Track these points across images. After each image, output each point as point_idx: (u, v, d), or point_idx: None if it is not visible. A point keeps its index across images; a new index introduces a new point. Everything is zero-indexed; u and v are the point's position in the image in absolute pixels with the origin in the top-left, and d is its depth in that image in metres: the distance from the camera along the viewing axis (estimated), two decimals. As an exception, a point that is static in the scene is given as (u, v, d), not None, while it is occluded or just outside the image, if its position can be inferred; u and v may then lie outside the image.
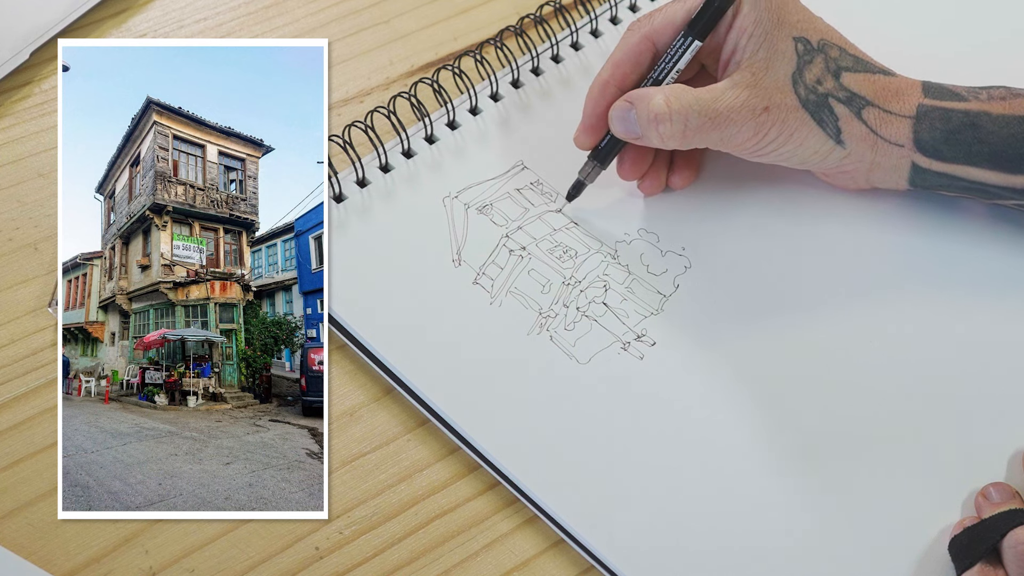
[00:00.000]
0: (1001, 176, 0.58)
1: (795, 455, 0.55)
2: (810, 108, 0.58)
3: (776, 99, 0.57)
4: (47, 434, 0.56)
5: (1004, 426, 0.56)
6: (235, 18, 0.75)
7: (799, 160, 0.60)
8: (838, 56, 0.59)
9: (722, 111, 0.57)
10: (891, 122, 0.58)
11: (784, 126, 0.57)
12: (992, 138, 0.57)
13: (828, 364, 0.58)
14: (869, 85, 0.59)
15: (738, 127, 0.57)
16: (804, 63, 0.58)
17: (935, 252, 0.62)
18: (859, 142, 0.59)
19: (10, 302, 0.61)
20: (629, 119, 0.59)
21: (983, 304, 0.60)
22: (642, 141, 0.60)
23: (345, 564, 0.53)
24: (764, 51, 0.57)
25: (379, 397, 0.58)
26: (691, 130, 0.57)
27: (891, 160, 0.59)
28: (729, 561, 0.52)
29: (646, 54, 0.61)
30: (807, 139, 0.58)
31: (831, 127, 0.58)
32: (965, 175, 0.58)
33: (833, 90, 0.58)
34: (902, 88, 0.59)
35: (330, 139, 0.65)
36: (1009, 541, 0.50)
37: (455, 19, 0.76)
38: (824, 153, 0.59)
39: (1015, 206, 0.60)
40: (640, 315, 0.60)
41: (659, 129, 0.58)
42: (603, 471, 0.54)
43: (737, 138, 0.58)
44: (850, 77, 0.59)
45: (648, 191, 0.64)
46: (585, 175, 0.63)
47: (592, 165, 0.63)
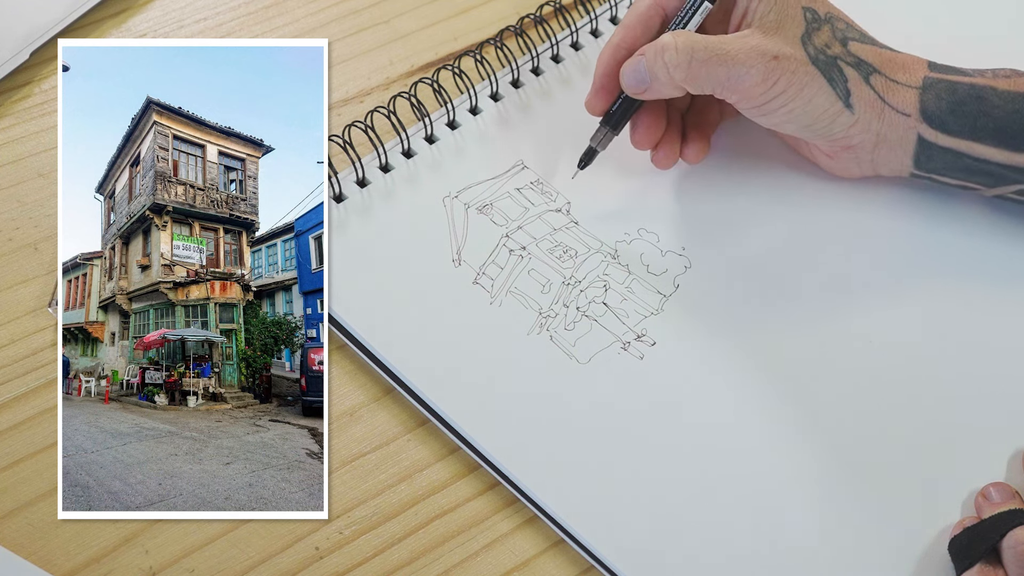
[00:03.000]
0: (1005, 154, 0.58)
1: (795, 454, 0.55)
2: (820, 66, 0.58)
3: (786, 51, 0.57)
4: (47, 434, 0.56)
5: (1004, 426, 0.56)
6: (235, 18, 0.75)
7: (807, 120, 0.59)
8: (844, 28, 0.60)
9: (730, 51, 0.57)
10: (898, 91, 0.59)
11: (794, 77, 0.57)
12: (997, 112, 0.58)
13: (828, 364, 0.58)
14: (876, 55, 0.59)
15: (747, 68, 0.57)
16: (812, 29, 0.58)
17: (936, 251, 0.62)
18: (867, 107, 0.59)
19: (10, 302, 0.61)
20: (639, 68, 0.59)
21: (983, 304, 0.60)
22: (652, 90, 0.59)
23: (345, 564, 0.53)
24: (775, 13, 0.58)
25: (379, 397, 0.58)
26: (697, 62, 0.57)
27: (897, 132, 0.59)
28: (729, 561, 0.52)
29: (656, 19, 0.61)
30: (816, 96, 0.58)
31: (841, 87, 0.58)
32: (970, 151, 0.59)
33: (841, 54, 0.58)
34: (908, 62, 0.60)
35: (330, 139, 0.65)
36: (1009, 541, 0.50)
37: (455, 19, 0.76)
38: (832, 115, 0.59)
39: (1016, 193, 0.60)
40: (640, 315, 0.60)
41: (665, 57, 0.57)
42: (603, 471, 0.54)
43: (745, 80, 0.57)
44: (857, 46, 0.59)
45: (662, 163, 0.64)
46: (597, 141, 0.63)
47: (604, 131, 0.62)
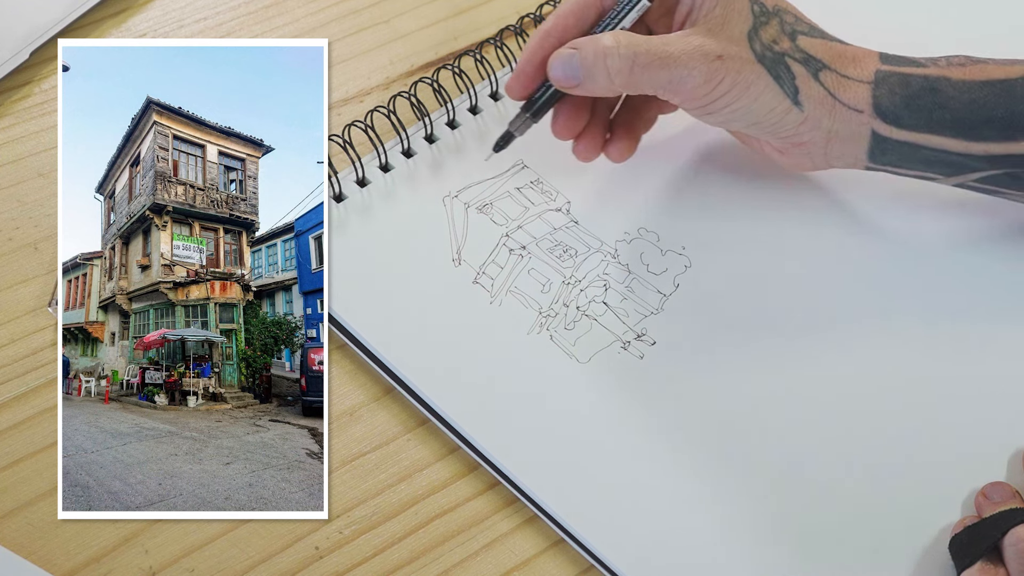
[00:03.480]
0: (962, 143, 0.57)
1: (795, 454, 0.55)
2: (766, 64, 0.56)
3: (731, 50, 0.56)
4: (47, 434, 0.56)
5: (1004, 426, 0.56)
6: (235, 18, 0.75)
7: (753, 119, 0.58)
8: (793, 21, 0.58)
9: (673, 52, 0.55)
10: (849, 87, 0.57)
11: (739, 76, 0.56)
12: (953, 103, 0.56)
13: (829, 362, 0.58)
14: (826, 50, 0.58)
15: (689, 70, 0.55)
16: (760, 23, 0.57)
17: (938, 248, 0.62)
18: (817, 105, 0.57)
19: (10, 302, 0.61)
20: (571, 63, 0.57)
21: (984, 304, 0.60)
22: (584, 87, 0.57)
23: (345, 564, 0.53)
24: (720, 8, 0.56)
25: (379, 397, 0.58)
26: (639, 67, 0.55)
27: (850, 127, 0.58)
28: (729, 560, 0.52)
29: (591, 10, 0.59)
30: (763, 94, 0.56)
31: (788, 85, 0.56)
32: (926, 143, 0.57)
33: (789, 50, 0.57)
34: (859, 55, 0.58)
35: (330, 139, 0.65)
36: (1009, 539, 0.50)
37: (455, 19, 0.76)
38: (780, 113, 0.57)
39: (977, 182, 0.59)
40: (640, 314, 0.60)
41: (607, 62, 0.56)
42: (603, 471, 0.54)
43: (688, 82, 0.56)
44: (806, 40, 0.58)
45: (583, 155, 0.62)
46: (516, 127, 0.61)
47: (524, 117, 0.60)
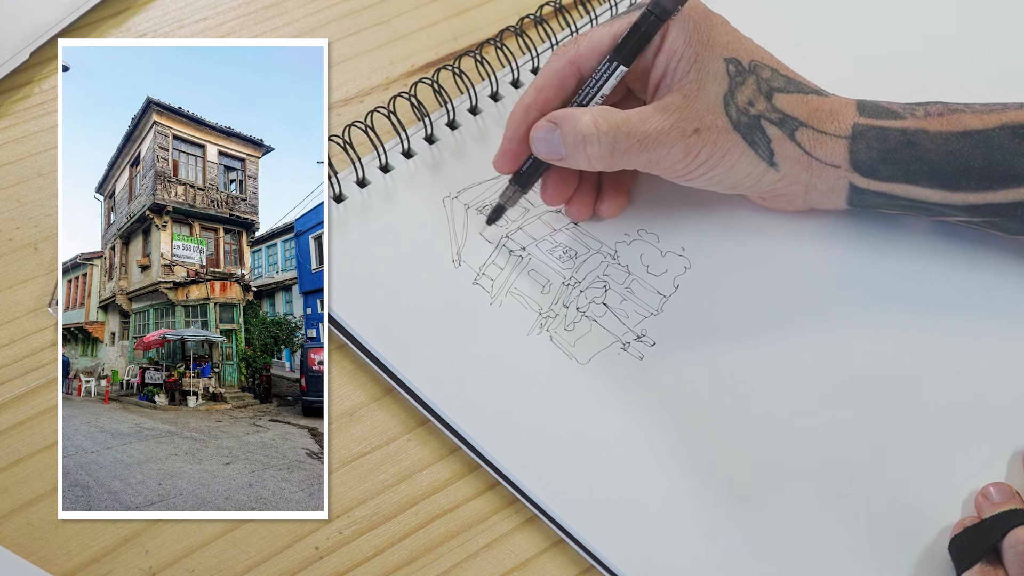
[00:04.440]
0: (940, 193, 0.57)
1: (795, 453, 0.55)
2: (742, 130, 0.56)
3: (707, 121, 0.56)
4: (47, 434, 0.56)
5: (1004, 426, 0.56)
6: (235, 18, 0.75)
7: (731, 184, 0.58)
8: (770, 77, 0.58)
9: (651, 132, 0.56)
10: (826, 143, 0.57)
11: (715, 148, 0.56)
12: (930, 156, 0.56)
13: (829, 363, 0.58)
14: (802, 106, 0.58)
15: (667, 148, 0.56)
16: (736, 84, 0.56)
17: (939, 248, 0.62)
18: (793, 164, 0.57)
19: (10, 302, 0.61)
20: (553, 140, 0.57)
21: (986, 304, 0.60)
22: (566, 163, 0.58)
23: (345, 564, 0.53)
24: (695, 72, 0.56)
25: (379, 397, 0.58)
26: (619, 151, 0.56)
27: (827, 182, 0.58)
28: (729, 560, 0.52)
29: (570, 79, 0.59)
30: (739, 162, 0.57)
31: (763, 149, 0.57)
32: (904, 193, 0.57)
33: (765, 111, 0.57)
34: (836, 108, 0.58)
35: (330, 139, 0.65)
36: (1009, 541, 0.50)
37: (455, 19, 0.76)
38: (757, 176, 0.58)
39: (958, 223, 0.60)
40: (640, 315, 0.60)
41: (587, 150, 0.56)
42: (603, 471, 0.54)
43: (666, 160, 0.56)
44: (782, 98, 0.57)
45: (576, 216, 0.63)
46: (506, 199, 0.62)
47: (513, 189, 0.61)
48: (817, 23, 0.74)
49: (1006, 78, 0.69)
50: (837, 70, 0.61)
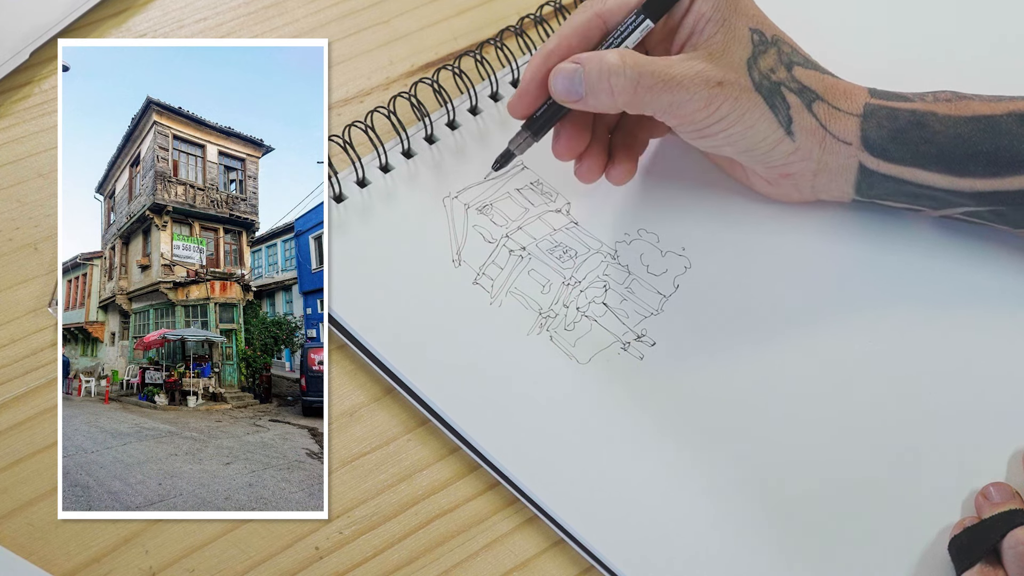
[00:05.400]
0: (948, 179, 0.57)
1: (795, 453, 0.55)
2: (763, 92, 0.57)
3: (731, 77, 0.56)
4: (47, 434, 0.56)
5: (1004, 426, 0.56)
6: (235, 18, 0.75)
7: (746, 145, 0.58)
8: (790, 52, 0.59)
9: (675, 75, 0.56)
10: (839, 118, 0.58)
11: (737, 103, 0.57)
12: (939, 138, 0.57)
13: (829, 361, 0.58)
14: (819, 81, 0.59)
15: (690, 94, 0.56)
16: (759, 51, 0.57)
17: (939, 248, 0.62)
18: (809, 136, 0.58)
19: (10, 302, 0.61)
20: (575, 78, 0.57)
21: (986, 304, 0.60)
22: (585, 103, 0.57)
23: (345, 564, 0.53)
24: (721, 35, 0.57)
25: (379, 397, 0.58)
26: (643, 88, 0.56)
27: (838, 160, 0.59)
28: (729, 560, 0.52)
29: (595, 31, 0.59)
30: (758, 123, 0.57)
31: (783, 114, 0.57)
32: (912, 178, 0.58)
33: (786, 80, 0.58)
34: (850, 89, 0.59)
35: (330, 139, 0.65)
36: (1009, 541, 0.50)
37: (455, 19, 0.76)
38: (772, 142, 0.58)
39: (963, 215, 0.60)
40: (640, 315, 0.60)
41: (611, 81, 0.56)
42: (603, 471, 0.54)
43: (688, 106, 0.56)
44: (801, 72, 0.58)
45: (585, 177, 0.62)
46: (516, 145, 0.61)
47: (524, 136, 0.61)
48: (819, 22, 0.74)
49: (1009, 78, 0.69)
50: (842, 72, 0.61)
